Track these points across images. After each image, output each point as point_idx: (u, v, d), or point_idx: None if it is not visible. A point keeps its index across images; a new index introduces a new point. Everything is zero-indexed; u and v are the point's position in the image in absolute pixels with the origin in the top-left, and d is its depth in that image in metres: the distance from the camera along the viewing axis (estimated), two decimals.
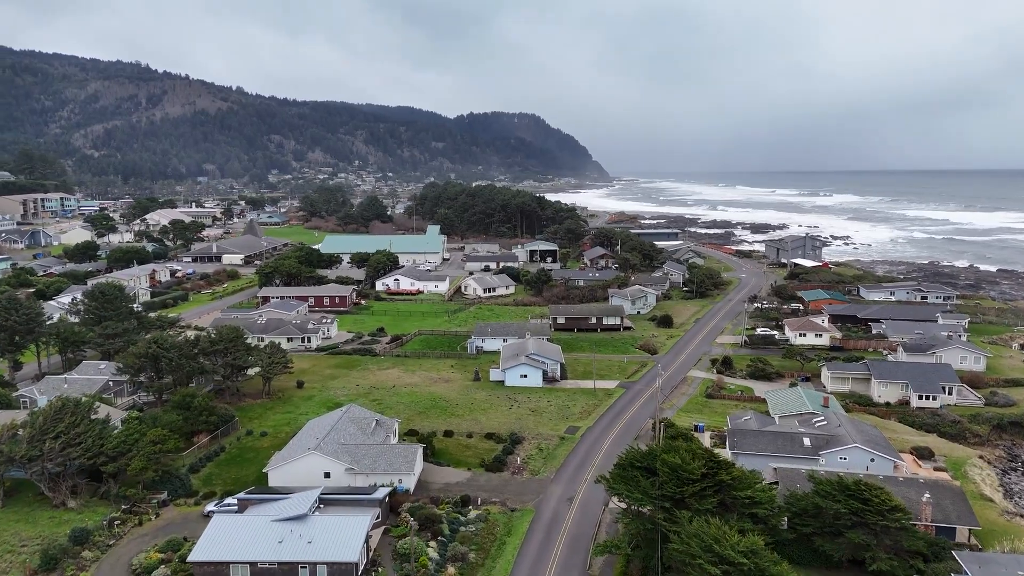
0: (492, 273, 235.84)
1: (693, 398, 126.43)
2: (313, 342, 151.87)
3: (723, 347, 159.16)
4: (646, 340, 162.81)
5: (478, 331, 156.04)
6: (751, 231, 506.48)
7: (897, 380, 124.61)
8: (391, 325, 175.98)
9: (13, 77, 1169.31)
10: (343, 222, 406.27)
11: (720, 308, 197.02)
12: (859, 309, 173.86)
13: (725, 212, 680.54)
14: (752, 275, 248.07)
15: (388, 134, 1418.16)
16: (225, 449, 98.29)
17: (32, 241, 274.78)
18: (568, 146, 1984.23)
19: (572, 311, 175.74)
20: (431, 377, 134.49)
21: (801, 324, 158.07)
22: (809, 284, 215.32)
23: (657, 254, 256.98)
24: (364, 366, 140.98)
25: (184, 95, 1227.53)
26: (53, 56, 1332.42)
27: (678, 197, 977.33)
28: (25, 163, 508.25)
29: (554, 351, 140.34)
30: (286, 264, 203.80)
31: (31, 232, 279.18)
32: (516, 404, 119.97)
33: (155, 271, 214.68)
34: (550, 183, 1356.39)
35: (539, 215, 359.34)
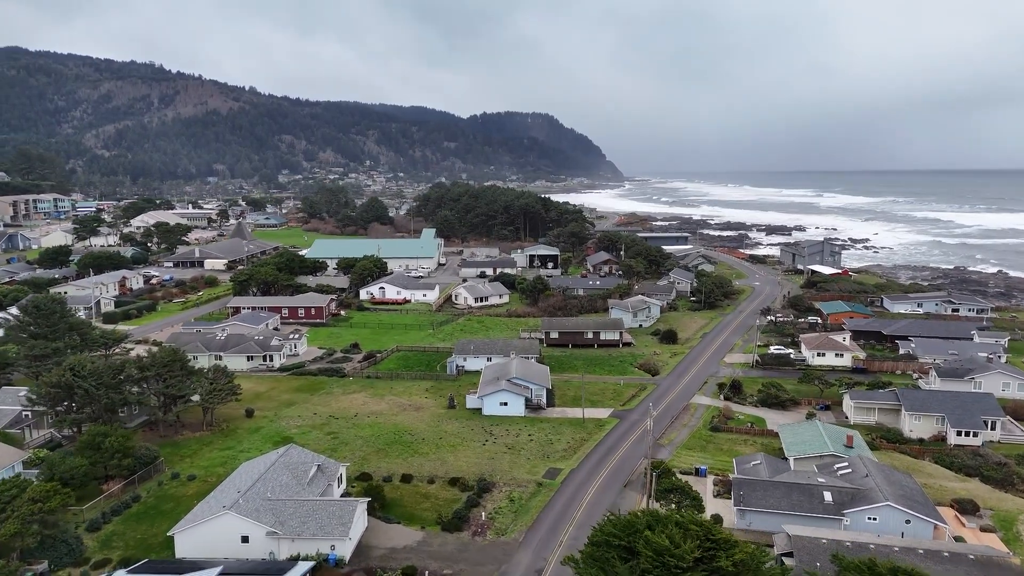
0: (487, 280, 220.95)
1: (696, 431, 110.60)
2: (276, 360, 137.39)
3: (732, 367, 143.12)
4: (647, 359, 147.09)
5: (459, 348, 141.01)
6: (766, 233, 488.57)
7: (931, 412, 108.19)
8: (368, 340, 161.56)
9: (27, 77, 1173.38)
10: (342, 224, 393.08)
11: (730, 321, 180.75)
12: (884, 324, 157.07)
13: (739, 213, 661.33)
14: (766, 283, 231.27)
15: (400, 134, 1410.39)
16: (140, 499, 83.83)
17: (10, 244, 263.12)
18: (582, 146, 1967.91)
19: (566, 325, 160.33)
20: (400, 404, 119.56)
21: (819, 342, 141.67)
22: (827, 294, 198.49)
23: (664, 260, 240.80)
24: (328, 389, 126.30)
25: (196, 95, 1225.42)
26: (68, 56, 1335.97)
27: (692, 198, 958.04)
28: (23, 163, 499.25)
29: (540, 374, 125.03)
30: (262, 272, 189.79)
31: (8, 235, 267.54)
32: (492, 438, 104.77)
33: (125, 278, 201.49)
34: (562, 183, 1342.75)
35: (543, 217, 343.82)
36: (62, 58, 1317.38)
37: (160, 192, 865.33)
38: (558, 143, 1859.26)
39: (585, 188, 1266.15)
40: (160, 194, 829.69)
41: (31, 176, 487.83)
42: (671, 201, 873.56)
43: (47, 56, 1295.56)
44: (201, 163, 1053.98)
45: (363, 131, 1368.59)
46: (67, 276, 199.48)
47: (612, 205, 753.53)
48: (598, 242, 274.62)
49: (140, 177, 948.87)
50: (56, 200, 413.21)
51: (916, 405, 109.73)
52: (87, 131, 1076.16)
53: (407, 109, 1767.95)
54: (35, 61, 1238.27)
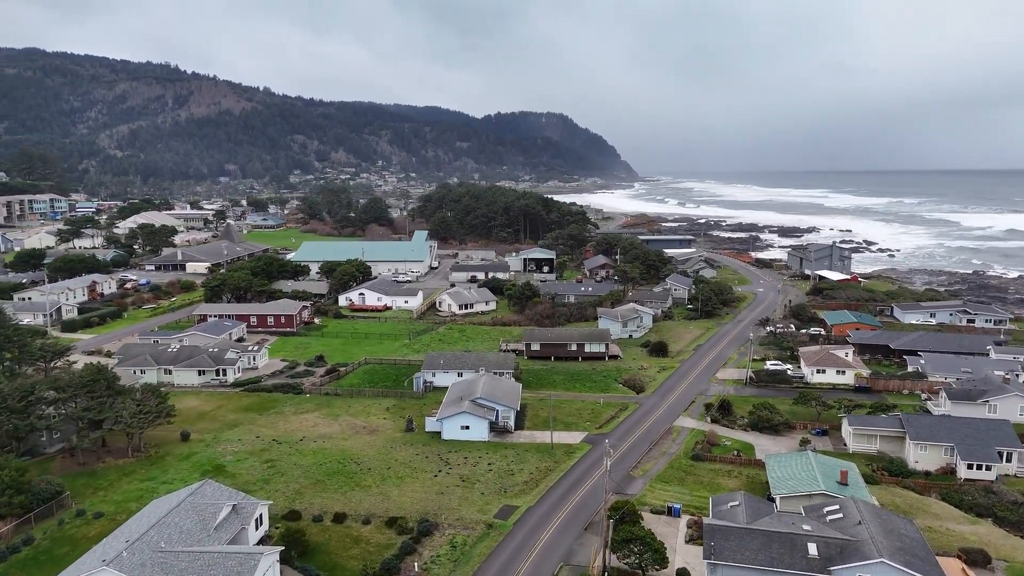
0: (477, 285, 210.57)
1: (675, 460, 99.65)
2: (230, 375, 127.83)
3: (724, 384, 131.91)
4: (632, 374, 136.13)
5: (428, 362, 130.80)
6: (779, 234, 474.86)
7: (939, 442, 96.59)
8: (338, 351, 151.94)
9: (43, 78, 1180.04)
10: (340, 225, 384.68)
11: (728, 331, 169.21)
12: (892, 337, 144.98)
13: (752, 214, 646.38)
14: (770, 289, 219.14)
15: (413, 134, 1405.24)
16: (33, 541, 74.37)
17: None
18: (596, 146, 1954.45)
19: (549, 336, 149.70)
20: (354, 426, 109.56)
21: (820, 357, 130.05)
22: (833, 303, 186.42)
23: (663, 264, 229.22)
24: (280, 408, 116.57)
25: (210, 95, 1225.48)
26: (84, 57, 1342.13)
27: (705, 198, 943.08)
28: (24, 163, 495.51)
29: (510, 392, 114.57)
30: (235, 277, 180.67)
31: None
32: (446, 468, 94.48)
33: (95, 282, 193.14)
34: (575, 183, 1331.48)
35: (544, 219, 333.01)
36: (79, 59, 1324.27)
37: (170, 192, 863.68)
38: (572, 143, 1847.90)
39: (598, 188, 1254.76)
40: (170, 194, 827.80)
41: (32, 176, 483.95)
42: (684, 202, 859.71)
43: (64, 57, 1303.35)
44: (213, 163, 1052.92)
45: (376, 131, 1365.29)
46: (35, 280, 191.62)
47: (622, 206, 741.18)
48: (596, 245, 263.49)
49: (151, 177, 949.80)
50: (53, 200, 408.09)
51: (922, 433, 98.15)
52: (101, 131, 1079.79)
53: (421, 109, 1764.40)
54: (52, 62, 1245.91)
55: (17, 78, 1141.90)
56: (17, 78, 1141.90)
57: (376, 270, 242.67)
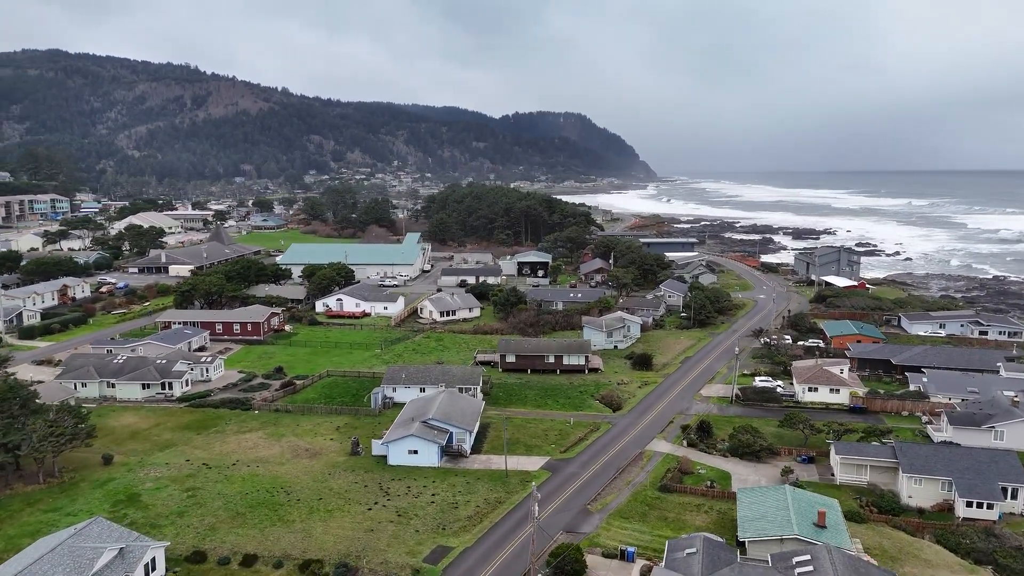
0: (465, 290, 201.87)
1: (640, 491, 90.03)
2: (176, 389, 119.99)
3: (707, 402, 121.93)
4: (610, 390, 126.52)
5: (389, 376, 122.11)
6: (792, 237, 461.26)
7: (936, 475, 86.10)
8: (304, 361, 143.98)
9: (65, 79, 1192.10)
10: (340, 226, 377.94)
11: (721, 342, 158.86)
12: (895, 351, 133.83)
13: (768, 215, 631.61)
14: (772, 296, 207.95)
15: (429, 134, 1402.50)
16: None
17: None
18: (614, 146, 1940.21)
19: (525, 347, 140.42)
20: (297, 448, 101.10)
21: (812, 374, 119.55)
22: (836, 312, 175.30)
23: (661, 269, 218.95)
24: (222, 426, 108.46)
25: (228, 96, 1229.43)
26: (106, 59, 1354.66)
27: (722, 198, 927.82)
28: (30, 163, 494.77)
29: (468, 412, 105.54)
30: (206, 282, 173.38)
31: None
32: (384, 499, 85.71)
33: (67, 286, 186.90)
34: (591, 183, 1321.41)
35: (546, 220, 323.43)
36: (100, 60, 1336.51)
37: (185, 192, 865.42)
38: (590, 143, 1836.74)
39: (614, 188, 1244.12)
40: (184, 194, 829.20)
41: (38, 176, 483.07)
42: (700, 202, 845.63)
43: (86, 58, 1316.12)
44: (229, 163, 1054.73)
45: (393, 131, 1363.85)
46: (6, 284, 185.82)
47: (636, 206, 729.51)
48: (595, 248, 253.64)
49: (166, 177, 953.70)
50: (54, 201, 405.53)
51: (917, 465, 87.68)
52: (120, 132, 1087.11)
53: (439, 110, 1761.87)
54: (74, 63, 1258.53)
55: (39, 79, 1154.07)
56: (39, 79, 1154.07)
57: (365, 273, 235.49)
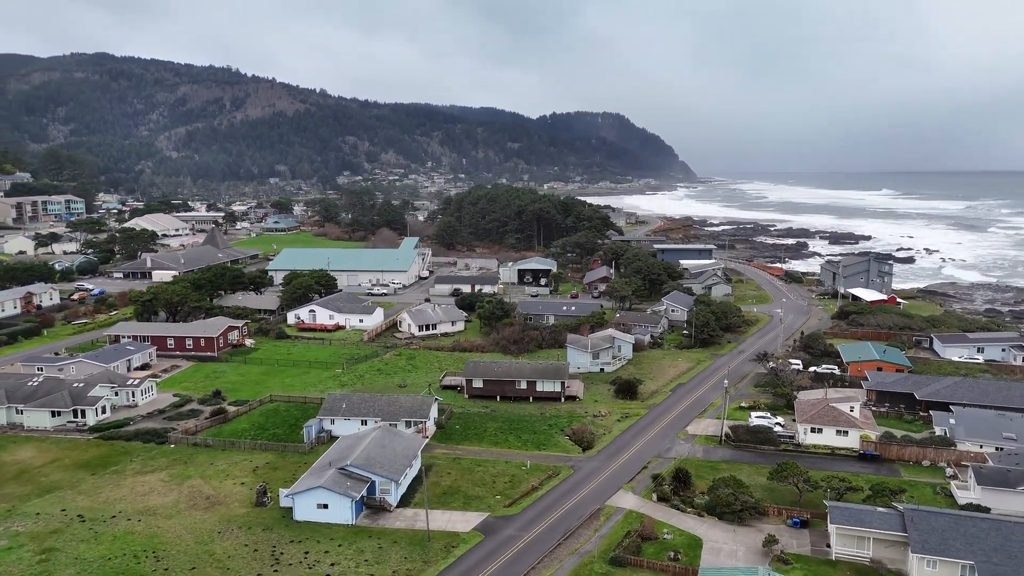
0: (456, 300, 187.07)
1: (586, 563, 73.86)
2: (90, 417, 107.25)
3: (693, 442, 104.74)
4: (583, 423, 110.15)
5: (328, 406, 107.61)
6: (829, 241, 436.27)
7: (954, 557, 68.28)
8: (253, 382, 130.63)
9: (110, 82, 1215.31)
10: (351, 229, 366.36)
11: (722, 365, 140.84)
12: (920, 383, 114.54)
13: (808, 218, 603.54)
14: (792, 310, 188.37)
15: (464, 135, 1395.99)
16: None
17: None
18: (652, 146, 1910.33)
19: (495, 370, 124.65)
20: (198, 494, 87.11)
21: (816, 412, 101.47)
22: (858, 331, 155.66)
23: (670, 278, 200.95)
24: (124, 465, 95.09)
25: (265, 98, 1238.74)
26: (150, 61, 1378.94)
27: (761, 200, 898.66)
28: (53, 164, 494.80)
29: (399, 456, 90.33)
30: (169, 291, 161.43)
31: None
32: (271, 571, 71.03)
33: (31, 294, 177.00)
34: (627, 184, 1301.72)
35: (559, 224, 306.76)
36: (145, 63, 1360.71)
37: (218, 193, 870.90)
38: (628, 143, 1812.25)
39: (650, 189, 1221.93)
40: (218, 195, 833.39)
41: (61, 177, 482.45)
42: (736, 204, 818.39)
43: (131, 61, 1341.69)
44: (264, 164, 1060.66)
45: (428, 132, 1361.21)
46: None
47: (669, 207, 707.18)
48: (603, 255, 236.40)
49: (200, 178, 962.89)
50: (68, 202, 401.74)
51: (931, 541, 69.84)
52: (160, 133, 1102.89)
53: (477, 110, 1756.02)
54: (119, 66, 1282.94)
55: (85, 82, 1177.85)
56: (85, 82, 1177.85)
57: (357, 280, 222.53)
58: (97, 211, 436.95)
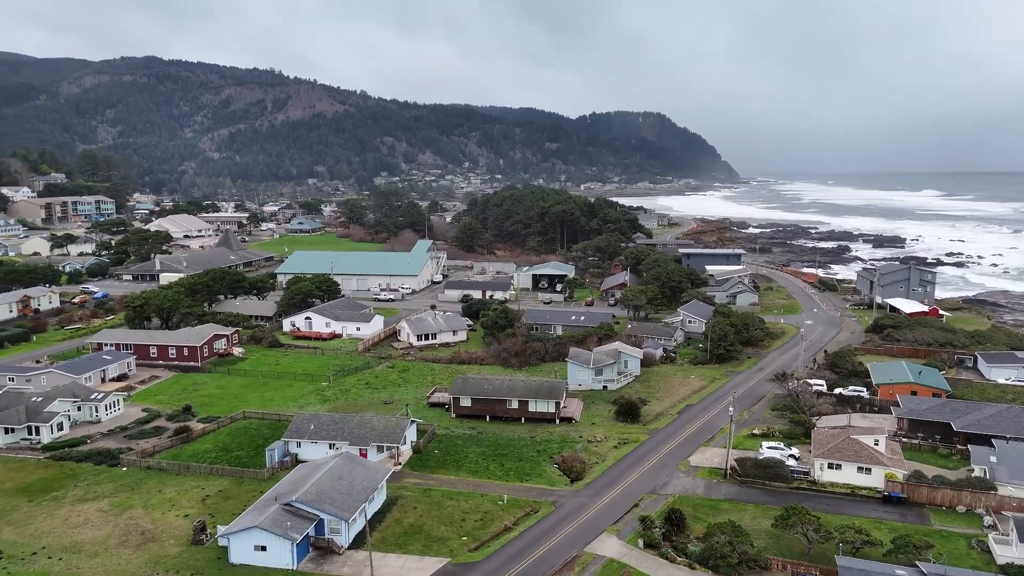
0: (462, 307, 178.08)
1: None
2: (45, 434, 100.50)
3: (694, 475, 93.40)
4: (573, 451, 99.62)
5: (295, 428, 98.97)
6: (873, 245, 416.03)
7: None
8: (231, 396, 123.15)
9: (156, 85, 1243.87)
10: (374, 231, 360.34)
11: (739, 384, 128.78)
12: (959, 411, 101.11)
13: (853, 220, 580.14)
14: (822, 321, 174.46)
15: (502, 136, 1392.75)
16: None
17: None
18: (694, 146, 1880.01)
19: (485, 388, 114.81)
20: (134, 528, 79.14)
21: (835, 444, 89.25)
22: (893, 347, 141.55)
23: (693, 285, 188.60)
24: (64, 492, 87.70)
25: (306, 99, 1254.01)
26: (196, 64, 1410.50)
27: (805, 201, 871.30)
28: (88, 165, 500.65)
29: (356, 490, 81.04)
30: (160, 296, 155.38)
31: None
32: None
33: (28, 297, 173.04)
34: (667, 184, 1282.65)
35: (583, 226, 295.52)
36: (191, 66, 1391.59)
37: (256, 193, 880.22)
38: (669, 143, 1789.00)
39: (690, 190, 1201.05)
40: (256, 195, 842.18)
41: (96, 178, 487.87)
42: (778, 205, 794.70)
43: (178, 64, 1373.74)
44: (303, 165, 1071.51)
45: (465, 133, 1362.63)
46: None
47: (708, 208, 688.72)
48: (624, 260, 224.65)
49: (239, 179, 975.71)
50: (99, 202, 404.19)
51: None
52: (204, 135, 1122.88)
53: (516, 111, 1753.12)
54: (166, 69, 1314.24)
55: (133, 85, 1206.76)
56: (133, 85, 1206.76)
57: (366, 285, 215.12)
58: (129, 212, 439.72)
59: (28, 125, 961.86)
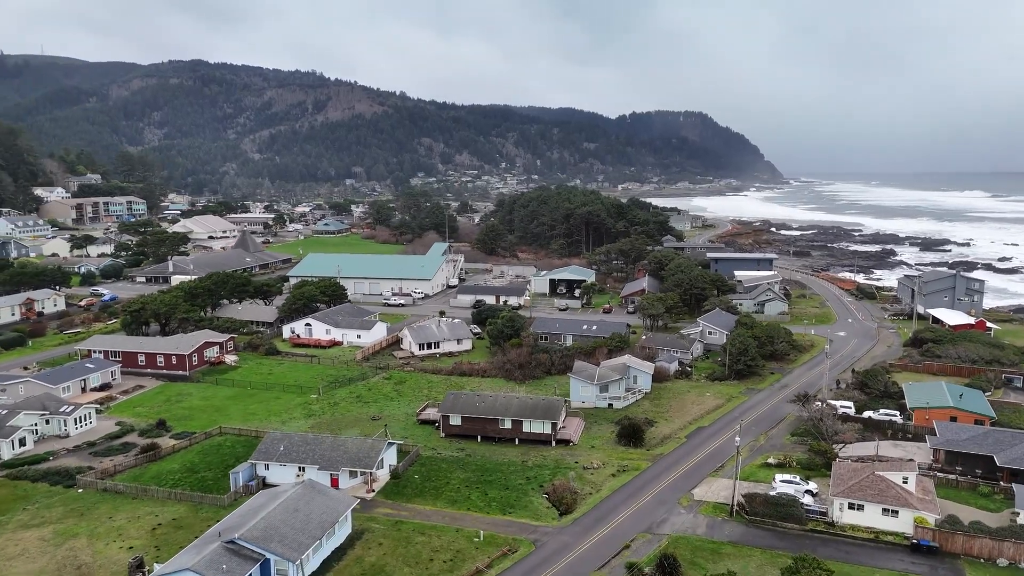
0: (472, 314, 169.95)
1: None
2: (5, 450, 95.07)
3: (696, 511, 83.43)
4: (565, 480, 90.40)
5: (264, 449, 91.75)
6: (920, 248, 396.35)
7: None
8: (214, 408, 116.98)
9: (202, 87, 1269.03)
10: (398, 232, 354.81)
11: (758, 403, 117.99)
12: (1003, 443, 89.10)
13: (901, 222, 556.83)
14: (856, 333, 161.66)
15: (539, 136, 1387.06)
16: None
17: (2, 253, 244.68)
18: (736, 145, 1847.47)
19: (477, 405, 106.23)
20: (70, 564, 72.49)
21: (857, 482, 78.48)
22: (933, 363, 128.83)
23: (719, 292, 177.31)
24: (10, 516, 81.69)
25: (346, 101, 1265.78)
26: (241, 67, 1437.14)
27: (851, 202, 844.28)
28: (124, 165, 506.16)
29: (310, 526, 73.17)
30: (156, 301, 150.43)
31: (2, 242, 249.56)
32: None
33: (31, 300, 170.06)
34: (707, 185, 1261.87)
35: (610, 228, 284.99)
36: (236, 69, 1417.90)
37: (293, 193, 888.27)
38: (711, 143, 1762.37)
39: (731, 190, 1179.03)
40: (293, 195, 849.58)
41: (131, 178, 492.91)
42: (822, 206, 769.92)
43: (224, 67, 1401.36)
44: (341, 166, 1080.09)
45: (503, 133, 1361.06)
46: None
47: (747, 209, 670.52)
48: (648, 264, 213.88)
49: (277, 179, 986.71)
50: (130, 203, 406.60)
51: None
52: (246, 136, 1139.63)
53: (555, 111, 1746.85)
54: (211, 72, 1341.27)
55: (179, 87, 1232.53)
56: (179, 87, 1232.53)
57: (379, 289, 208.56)
58: (159, 212, 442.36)
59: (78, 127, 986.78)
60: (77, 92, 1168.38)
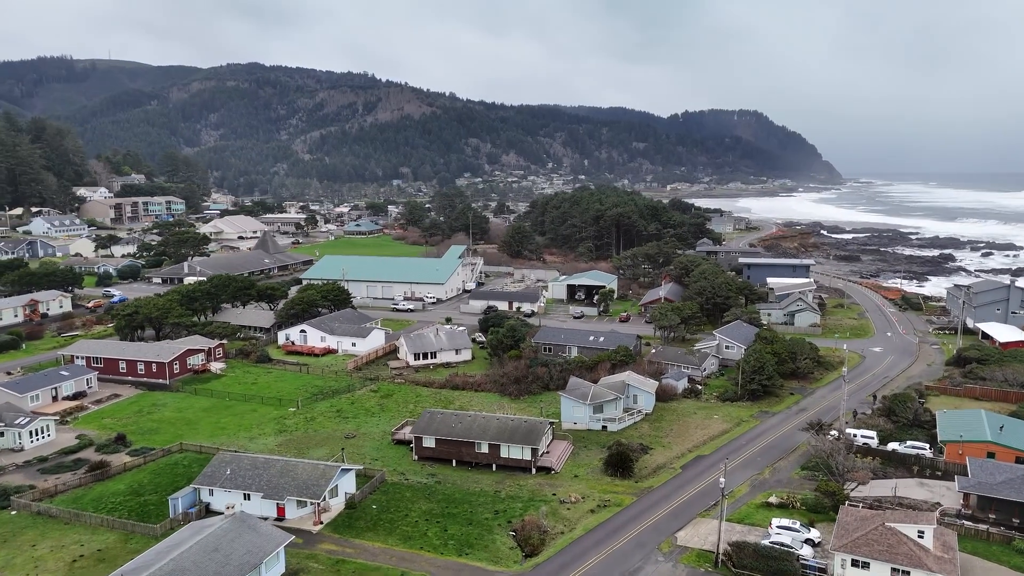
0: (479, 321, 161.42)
1: None
2: None
3: (678, 561, 72.84)
4: (535, 516, 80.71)
5: (210, 472, 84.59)
6: (982, 254, 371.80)
7: None
8: (186, 422, 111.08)
9: (257, 89, 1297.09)
10: (428, 234, 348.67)
11: (770, 428, 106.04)
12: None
13: (964, 225, 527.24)
14: (894, 349, 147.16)
15: (587, 135, 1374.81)
16: None
17: (30, 252, 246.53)
18: (792, 145, 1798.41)
19: (453, 427, 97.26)
20: None
21: (863, 536, 66.86)
22: (976, 387, 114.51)
23: (748, 301, 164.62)
24: None
25: (395, 102, 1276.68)
26: (295, 70, 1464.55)
27: (912, 204, 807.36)
28: (169, 166, 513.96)
29: (236, 564, 65.32)
30: (150, 304, 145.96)
31: (28, 243, 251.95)
32: None
33: (35, 301, 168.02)
34: (760, 185, 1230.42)
35: (641, 231, 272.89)
36: (290, 71, 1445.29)
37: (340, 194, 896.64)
38: (766, 142, 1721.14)
39: (785, 191, 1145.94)
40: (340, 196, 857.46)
41: (176, 179, 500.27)
42: (880, 208, 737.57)
43: (278, 70, 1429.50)
44: (388, 167, 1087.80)
45: (551, 133, 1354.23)
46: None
47: (799, 211, 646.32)
48: (674, 269, 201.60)
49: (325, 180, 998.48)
50: (169, 203, 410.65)
51: None
52: (297, 137, 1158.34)
53: (605, 110, 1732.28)
54: (267, 75, 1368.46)
55: (235, 90, 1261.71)
56: (235, 90, 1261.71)
57: (392, 293, 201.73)
58: (202, 212, 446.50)
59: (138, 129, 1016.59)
60: (139, 95, 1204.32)
